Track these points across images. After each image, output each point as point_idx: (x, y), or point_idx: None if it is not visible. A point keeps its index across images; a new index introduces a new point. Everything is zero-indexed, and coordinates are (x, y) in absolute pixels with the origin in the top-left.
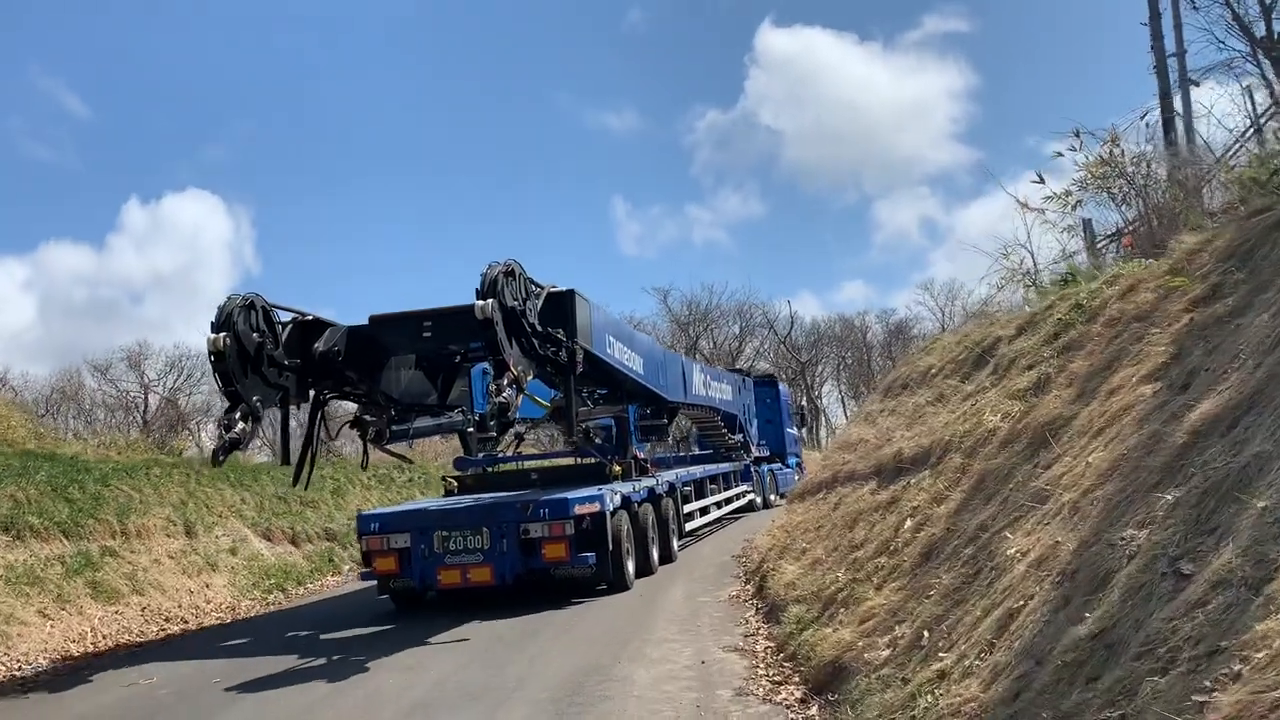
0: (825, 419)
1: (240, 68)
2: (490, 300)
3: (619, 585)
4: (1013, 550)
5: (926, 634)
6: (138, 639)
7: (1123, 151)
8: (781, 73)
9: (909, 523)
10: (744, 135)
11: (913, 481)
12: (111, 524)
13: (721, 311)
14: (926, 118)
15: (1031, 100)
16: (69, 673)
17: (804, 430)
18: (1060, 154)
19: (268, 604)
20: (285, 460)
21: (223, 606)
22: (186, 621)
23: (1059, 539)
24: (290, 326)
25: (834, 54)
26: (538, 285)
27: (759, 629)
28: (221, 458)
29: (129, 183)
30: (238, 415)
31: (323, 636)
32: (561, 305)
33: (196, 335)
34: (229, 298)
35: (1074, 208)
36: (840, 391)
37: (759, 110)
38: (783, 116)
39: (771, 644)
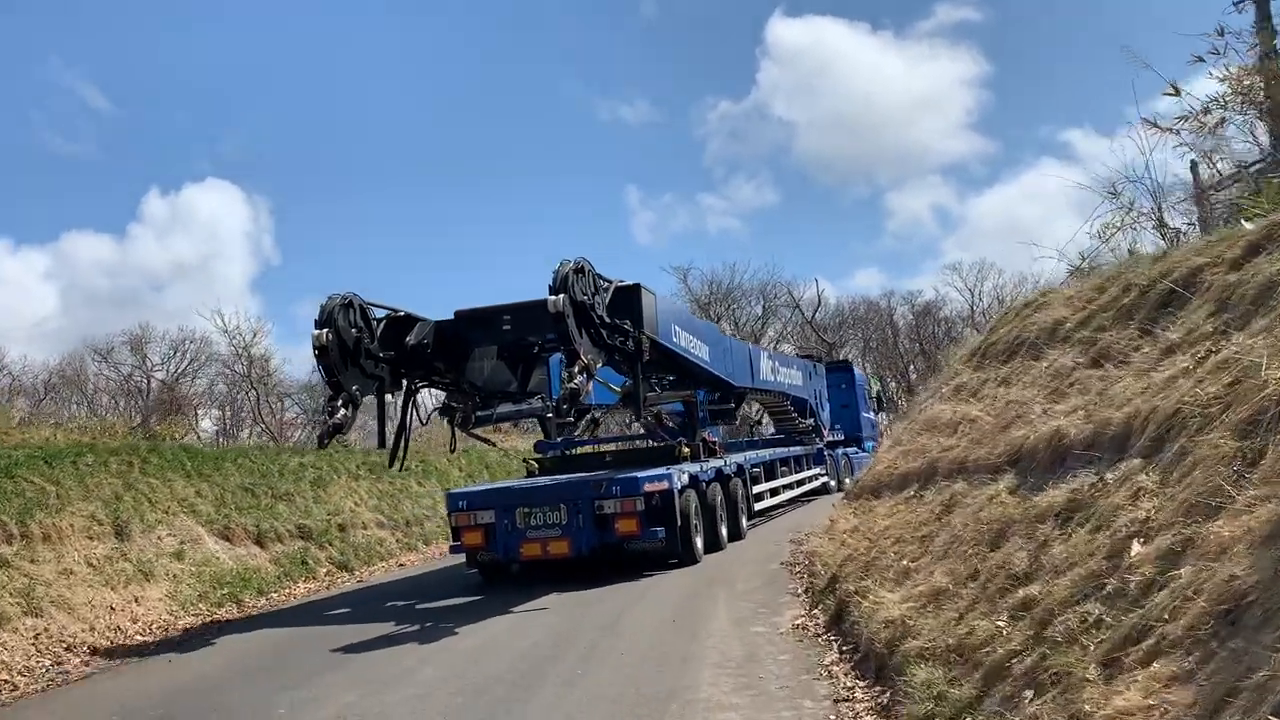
0: None
1: (256, 59)
2: (562, 295)
3: (688, 559)
4: None
5: None
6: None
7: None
8: (793, 64)
9: (1138, 548)
10: (756, 126)
11: (1108, 478)
12: (7, 526)
13: (743, 291)
14: (939, 107)
15: (1045, 89)
16: None
17: (882, 414)
18: (1200, 59)
19: (214, 619)
20: (381, 444)
21: (154, 625)
22: (96, 650)
23: None
24: (384, 322)
25: (846, 44)
26: (606, 280)
27: (854, 690)
28: (326, 441)
29: (149, 173)
30: (339, 403)
31: None
32: (628, 298)
33: (200, 320)
34: (330, 298)
35: (1216, 127)
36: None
37: (771, 101)
38: (795, 107)
39: None
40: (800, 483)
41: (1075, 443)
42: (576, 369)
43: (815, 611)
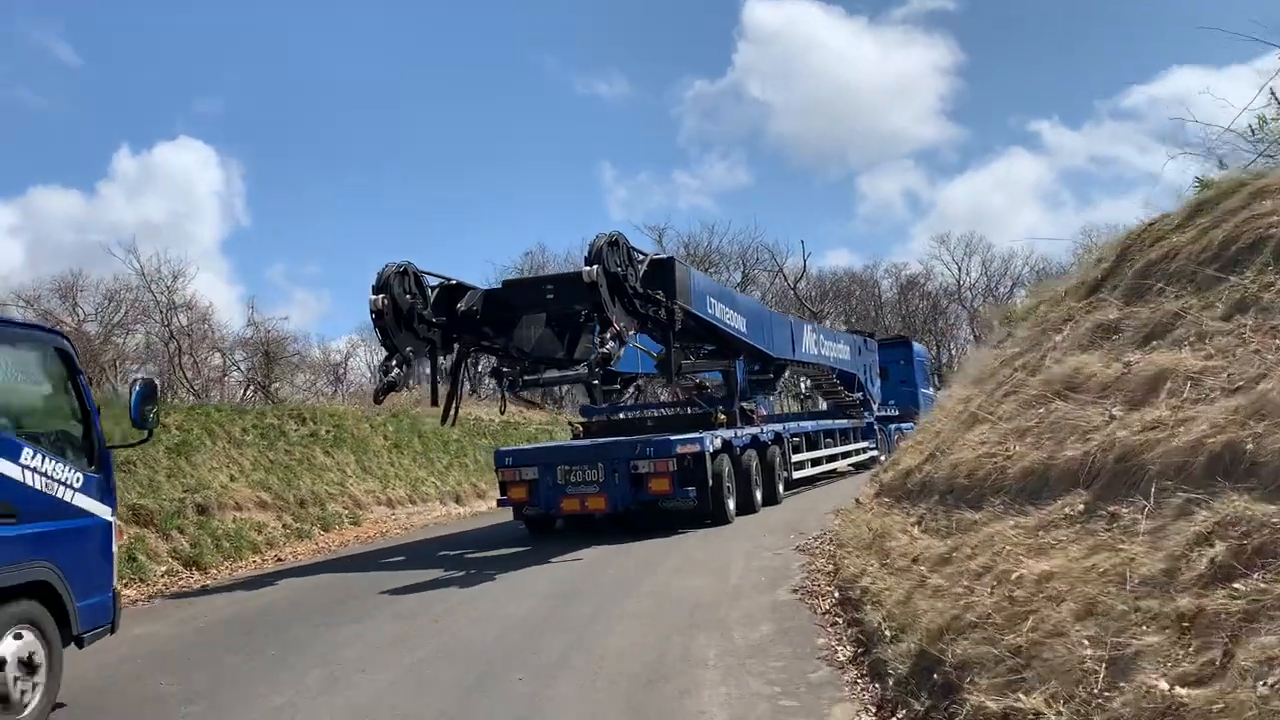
0: None
1: (235, 22)
2: (595, 266)
3: (720, 519)
4: None
5: None
6: None
7: None
8: (769, 46)
9: None
10: (731, 106)
11: None
12: None
13: (722, 255)
14: (913, 93)
15: (1016, 79)
16: None
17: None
18: None
19: None
20: (434, 402)
21: None
22: None
23: None
24: (438, 289)
25: (821, 28)
26: (641, 253)
27: None
28: (381, 397)
29: (120, 130)
30: (394, 362)
31: None
32: (663, 270)
33: (127, 269)
34: (386, 266)
35: None
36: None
37: (746, 82)
38: (770, 89)
39: None
40: (846, 454)
41: None
42: (609, 335)
43: None
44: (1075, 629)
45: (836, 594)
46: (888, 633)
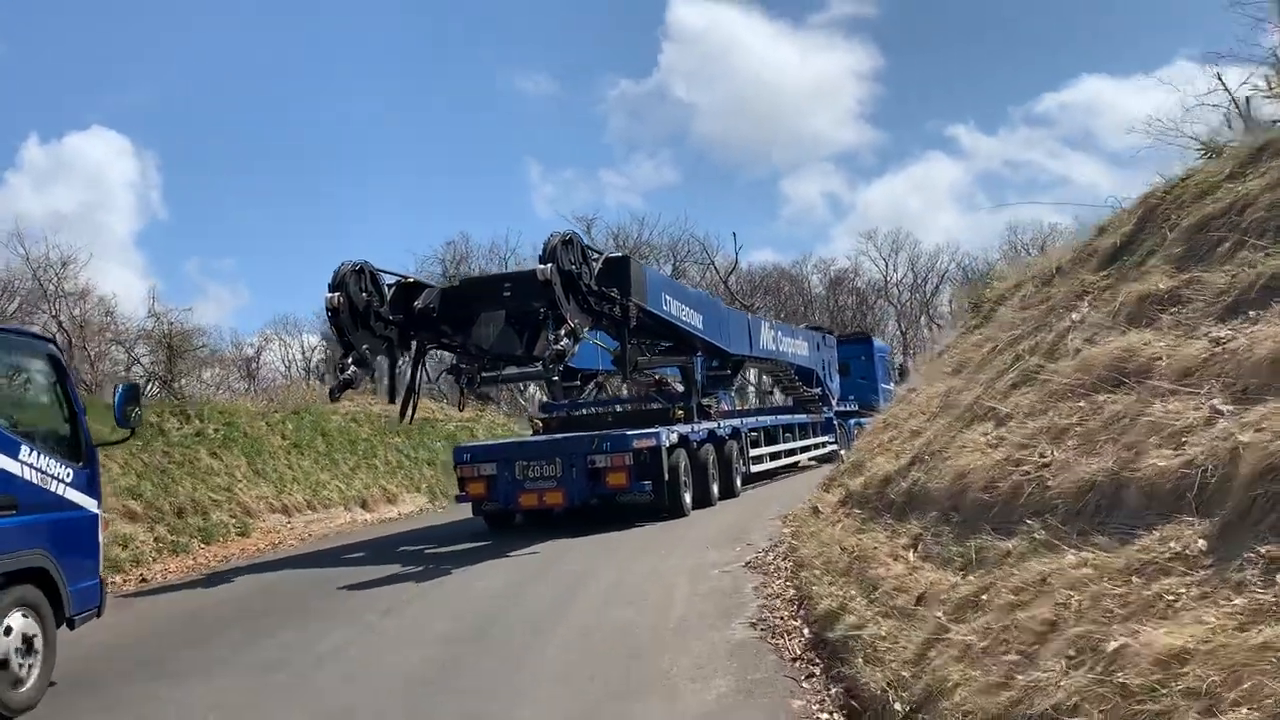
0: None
1: (150, 11)
2: (550, 265)
3: (676, 512)
4: None
5: None
6: None
7: None
8: (693, 47)
9: None
10: (656, 106)
11: None
12: None
13: (652, 248)
14: (832, 97)
15: (933, 85)
16: None
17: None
18: None
19: None
20: (391, 399)
21: None
22: None
23: None
24: (395, 287)
25: (744, 30)
26: (596, 251)
27: None
28: (337, 394)
29: (28, 119)
30: (350, 360)
31: None
32: (618, 267)
33: (10, 254)
34: (342, 264)
35: None
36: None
37: (671, 82)
38: (694, 90)
39: None
40: (805, 449)
41: None
42: (563, 332)
43: None
44: None
45: (808, 632)
46: (899, 706)
